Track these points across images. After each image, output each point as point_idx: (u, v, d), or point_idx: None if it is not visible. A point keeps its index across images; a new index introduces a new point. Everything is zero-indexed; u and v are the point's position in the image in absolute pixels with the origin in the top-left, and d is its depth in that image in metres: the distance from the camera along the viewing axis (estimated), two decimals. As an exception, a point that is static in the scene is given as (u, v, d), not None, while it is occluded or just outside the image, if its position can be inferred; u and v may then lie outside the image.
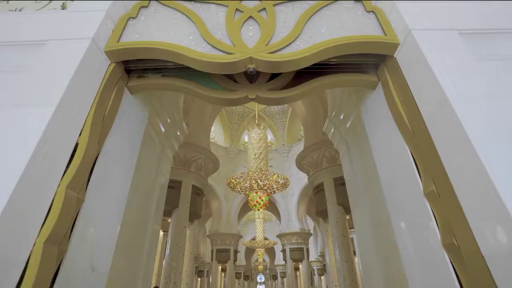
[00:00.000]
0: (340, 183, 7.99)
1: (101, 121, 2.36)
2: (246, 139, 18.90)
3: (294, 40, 2.45)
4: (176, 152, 8.43)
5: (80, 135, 2.12)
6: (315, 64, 2.78)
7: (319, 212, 8.55)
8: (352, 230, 9.16)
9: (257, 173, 10.65)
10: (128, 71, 2.88)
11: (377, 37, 2.47)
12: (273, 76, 2.88)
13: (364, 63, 2.83)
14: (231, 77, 2.86)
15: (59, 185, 1.87)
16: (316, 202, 8.82)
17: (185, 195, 8.01)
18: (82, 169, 2.07)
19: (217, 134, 18.93)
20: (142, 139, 3.33)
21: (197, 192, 8.59)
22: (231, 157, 18.39)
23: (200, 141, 8.91)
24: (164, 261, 7.61)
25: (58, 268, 1.89)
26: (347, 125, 4.36)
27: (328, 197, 8.01)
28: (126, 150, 2.86)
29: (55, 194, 1.84)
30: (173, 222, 7.73)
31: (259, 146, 11.74)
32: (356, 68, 2.85)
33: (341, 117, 4.47)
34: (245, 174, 10.79)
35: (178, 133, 5.01)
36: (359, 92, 3.35)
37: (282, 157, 18.53)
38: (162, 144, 4.49)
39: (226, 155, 18.30)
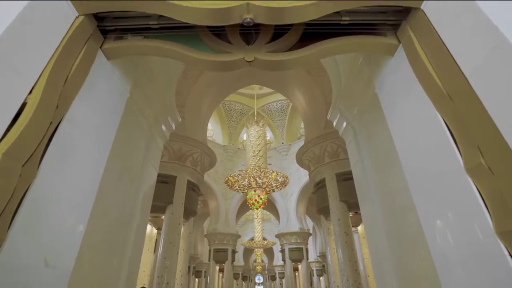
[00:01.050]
0: (343, 178, 7.54)
1: (63, 83, 1.89)
2: (244, 137, 18.44)
3: (300, -13, 1.98)
4: (170, 146, 7.97)
5: (30, 93, 1.65)
6: (324, 25, 2.33)
7: (321, 209, 8.07)
8: (355, 230, 8.68)
9: (255, 171, 10.18)
10: (105, 32, 2.41)
11: (400, -16, 2.01)
12: (275, 38, 2.41)
13: (381, 23, 2.37)
14: (225, 39, 2.40)
15: (-7, 151, 1.40)
16: (317, 199, 8.34)
17: (179, 190, 7.52)
18: (31, 136, 1.60)
19: (215, 132, 18.45)
20: (125, 116, 2.86)
21: (193, 188, 8.10)
22: (229, 156, 17.90)
23: (196, 135, 8.43)
24: (157, 259, 7.11)
25: (-7, 262, 1.42)
26: (355, 109, 3.90)
27: (330, 193, 7.53)
28: (99, 123, 2.38)
29: (-14, 162, 1.37)
30: (167, 219, 7.22)
31: (258, 143, 11.29)
32: (371, 29, 2.39)
33: (348, 100, 4.02)
34: (244, 171, 10.33)
35: (170, 120, 4.54)
36: (372, 63, 2.90)
37: (281, 155, 18.06)
38: (150, 130, 4.02)
39: (224, 153, 17.81)
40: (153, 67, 3.69)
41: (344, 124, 4.40)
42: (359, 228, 8.12)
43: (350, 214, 7.54)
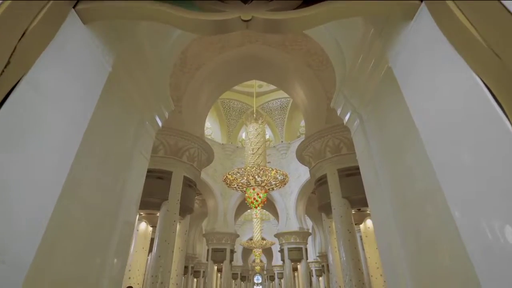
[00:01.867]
0: (345, 174, 7.18)
1: (18, 37, 1.53)
2: (243, 136, 18.07)
3: None
4: (166, 140, 7.62)
5: (-32, 40, 1.30)
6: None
7: (322, 206, 7.70)
8: (357, 228, 8.31)
9: (254, 168, 9.84)
10: (80, -9, 2.06)
11: None
12: (276, -2, 2.06)
13: (400, -20, 2.03)
14: (219, -1, 2.04)
15: None
16: (318, 195, 7.98)
17: (175, 186, 7.15)
18: (-33, 93, 1.24)
19: (213, 130, 18.09)
20: (106, 94, 2.50)
21: (189, 184, 7.72)
22: (228, 154, 17.54)
23: (194, 130, 8.07)
24: (151, 258, 6.74)
25: None
26: (362, 93, 3.56)
27: (332, 189, 7.17)
28: (72, 94, 2.02)
29: None
30: (162, 216, 6.85)
31: (257, 141, 10.97)
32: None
33: (355, 84, 3.67)
34: (242, 169, 9.98)
35: (163, 108, 4.18)
36: (385, 34, 2.54)
37: (280, 154, 17.71)
38: (141, 116, 3.67)
39: (223, 152, 17.45)
40: (144, 45, 3.34)
41: (350, 111, 4.05)
42: (362, 226, 7.76)
43: (353, 211, 7.18)
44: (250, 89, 17.12)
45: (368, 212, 7.48)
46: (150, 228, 7.70)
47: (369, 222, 7.68)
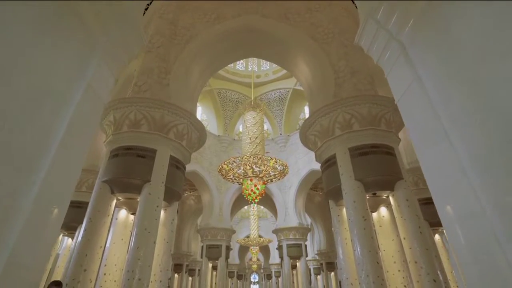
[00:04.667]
0: (358, 153, 5.97)
1: None
2: (241, 129, 16.84)
3: None
4: (150, 114, 6.34)
5: None
6: None
7: (330, 192, 6.46)
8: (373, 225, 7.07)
9: (252, 158, 8.65)
10: None
11: None
12: None
13: None
14: None
15: None
16: (325, 179, 6.73)
17: (160, 166, 5.87)
18: None
19: (209, 122, 16.83)
20: None
21: (177, 166, 6.44)
22: (224, 147, 16.28)
23: (183, 106, 6.84)
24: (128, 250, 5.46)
25: None
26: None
27: (343, 171, 5.95)
28: None
29: None
30: (143, 200, 5.56)
31: (255, 130, 9.84)
32: None
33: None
34: (239, 158, 8.80)
35: (128, 36, 2.96)
36: None
37: (279, 147, 16.49)
38: (89, 32, 2.46)
39: (219, 144, 16.20)
40: None
41: (385, 42, 2.87)
42: (375, 215, 6.54)
43: (367, 197, 5.97)
44: (248, 80, 15.94)
45: (384, 197, 6.25)
46: (132, 216, 6.42)
47: (383, 210, 6.46)
